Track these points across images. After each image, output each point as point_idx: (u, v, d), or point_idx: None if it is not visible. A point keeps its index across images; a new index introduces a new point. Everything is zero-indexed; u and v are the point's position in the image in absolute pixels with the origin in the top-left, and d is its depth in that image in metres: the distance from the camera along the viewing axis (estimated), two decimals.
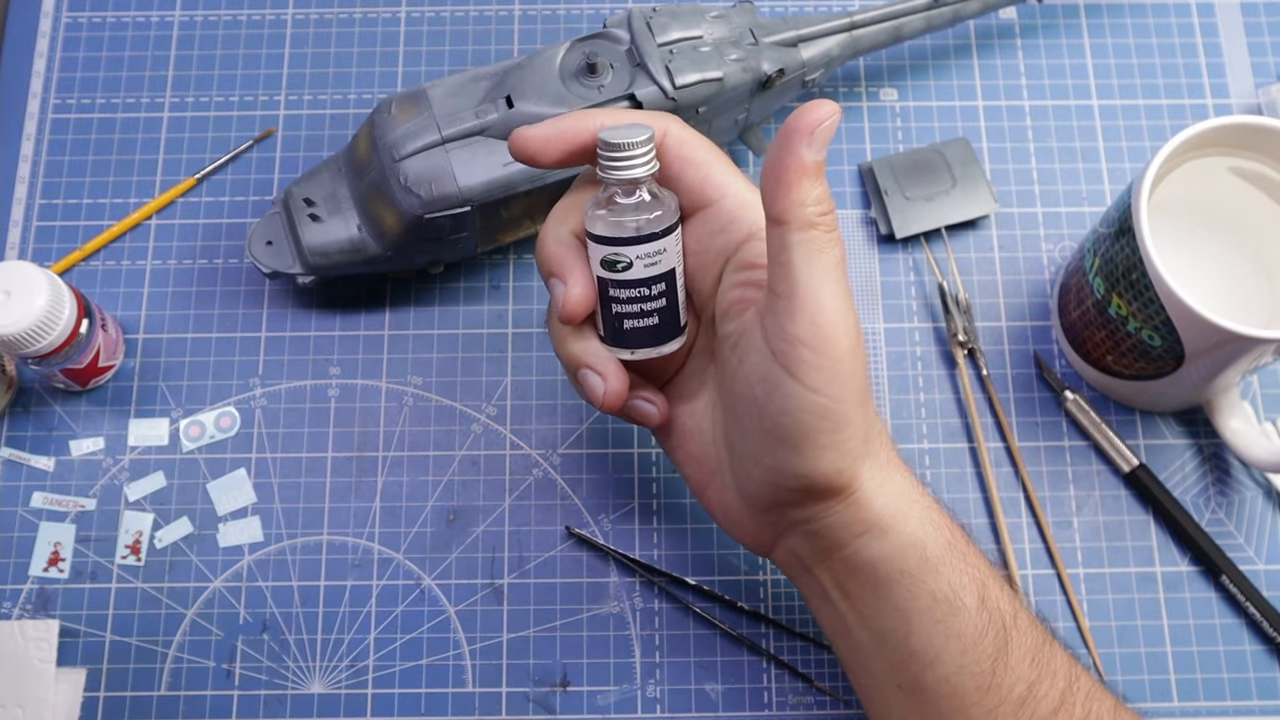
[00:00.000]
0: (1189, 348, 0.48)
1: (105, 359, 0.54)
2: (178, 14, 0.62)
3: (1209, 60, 0.62)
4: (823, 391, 0.38)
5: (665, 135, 0.41)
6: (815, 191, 0.37)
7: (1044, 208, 0.59)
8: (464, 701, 0.51)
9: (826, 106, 0.37)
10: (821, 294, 0.37)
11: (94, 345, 0.52)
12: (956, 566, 0.40)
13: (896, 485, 0.40)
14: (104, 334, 0.53)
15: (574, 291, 0.41)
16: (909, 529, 0.40)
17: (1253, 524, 0.54)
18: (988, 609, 0.40)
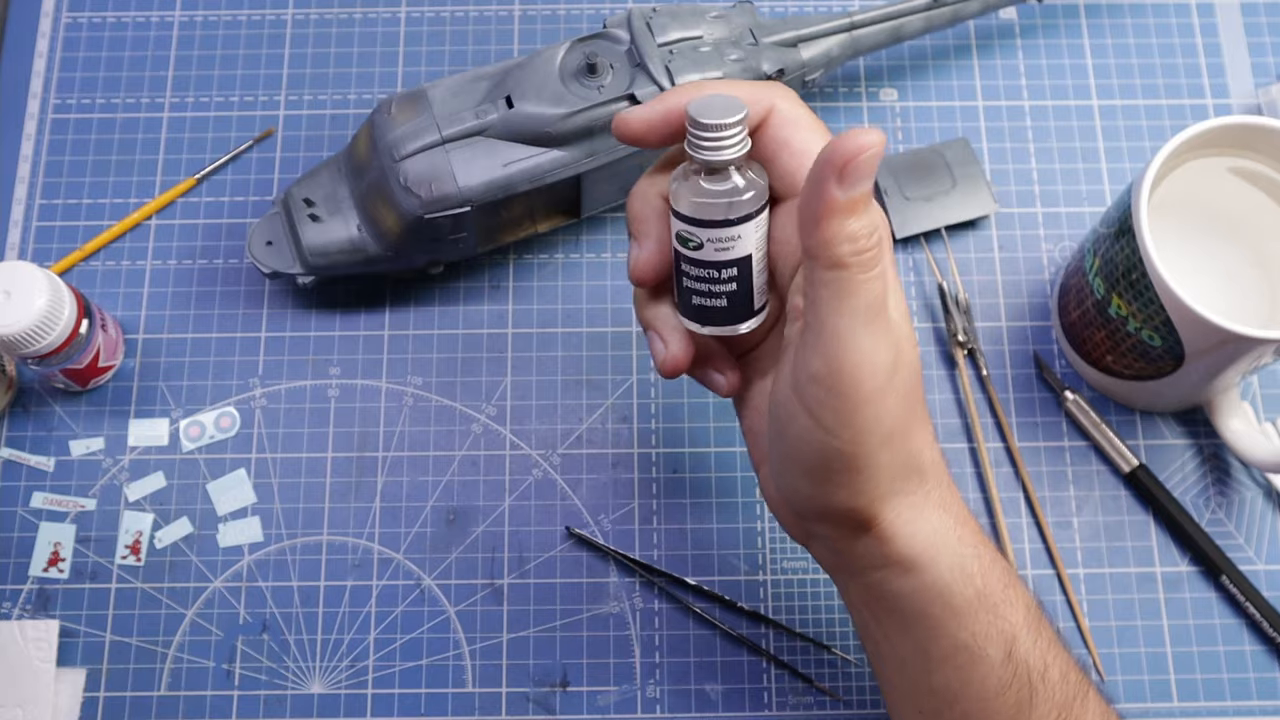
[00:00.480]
0: (1189, 348, 0.48)
1: (105, 359, 0.54)
2: (178, 14, 0.62)
3: (1209, 60, 0.62)
4: (835, 433, 0.36)
5: (770, 112, 0.38)
6: (848, 229, 0.34)
7: (1044, 208, 0.59)
8: (464, 701, 0.51)
9: (866, 136, 0.34)
10: (845, 336, 0.35)
11: (94, 345, 0.52)
12: (983, 618, 0.38)
13: (930, 527, 0.38)
14: (104, 334, 0.53)
15: (642, 255, 0.40)
16: (934, 574, 0.38)
17: (1253, 524, 0.54)
18: (1014, 662, 0.38)
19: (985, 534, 0.41)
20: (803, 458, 0.38)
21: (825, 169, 0.34)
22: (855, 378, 0.35)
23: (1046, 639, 0.40)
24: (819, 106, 0.61)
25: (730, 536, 0.54)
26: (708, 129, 0.36)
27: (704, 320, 0.39)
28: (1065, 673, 0.40)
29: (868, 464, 0.37)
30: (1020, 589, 0.40)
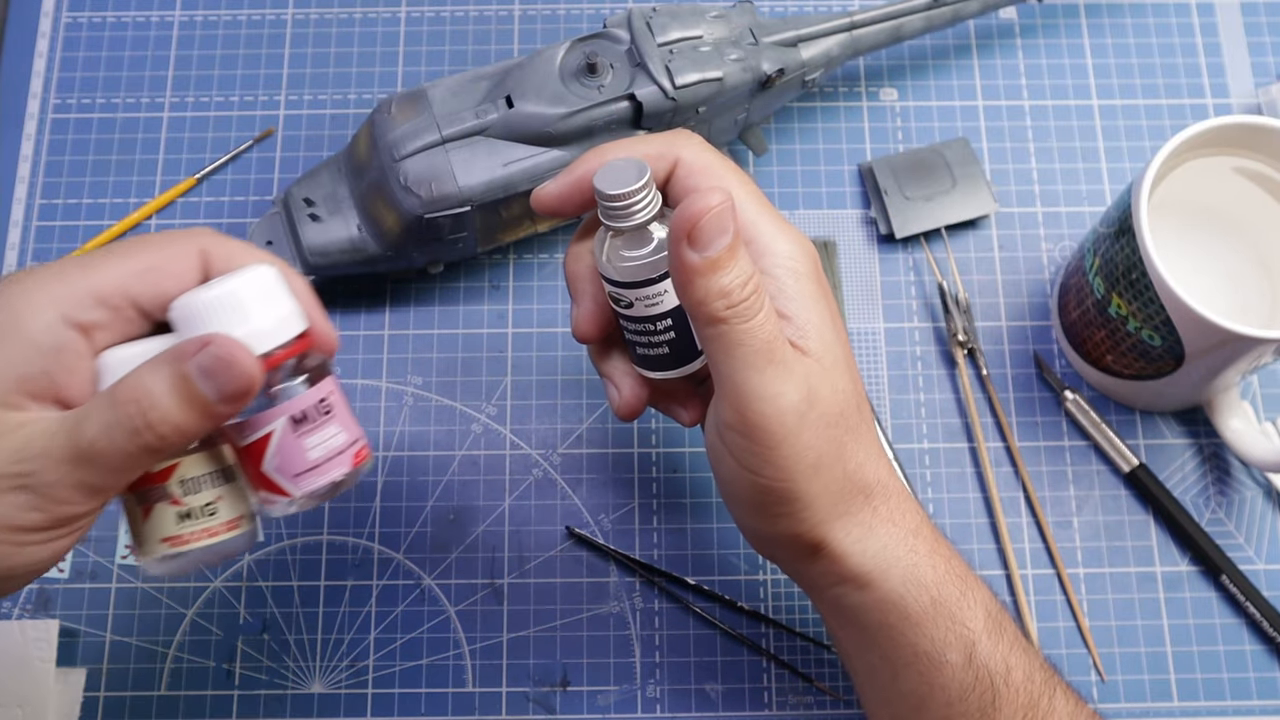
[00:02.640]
0: (1189, 348, 0.48)
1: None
2: (178, 14, 0.62)
3: (1209, 60, 0.62)
4: (760, 473, 0.37)
5: (676, 164, 0.39)
6: (716, 286, 0.35)
7: (1044, 207, 0.59)
8: (464, 701, 0.51)
9: (706, 199, 0.34)
10: (743, 385, 0.36)
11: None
12: (941, 624, 0.39)
13: (879, 543, 0.39)
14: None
15: (581, 314, 0.41)
16: (888, 586, 0.39)
17: (1253, 524, 0.54)
18: (974, 667, 0.39)
19: (944, 539, 0.41)
20: (738, 494, 0.39)
21: (676, 238, 0.35)
22: (763, 423, 0.36)
23: (1008, 641, 0.40)
24: (819, 106, 0.61)
25: (730, 536, 0.54)
26: (614, 199, 0.37)
27: (651, 367, 0.41)
28: (1030, 673, 0.40)
29: (800, 495, 0.37)
30: (979, 594, 0.41)
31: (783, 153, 0.60)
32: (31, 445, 0.33)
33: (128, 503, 0.36)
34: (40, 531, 0.33)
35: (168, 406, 0.33)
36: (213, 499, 0.36)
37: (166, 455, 0.34)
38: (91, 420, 0.33)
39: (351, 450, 0.37)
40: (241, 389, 0.33)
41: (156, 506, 0.35)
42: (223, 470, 0.37)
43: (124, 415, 0.33)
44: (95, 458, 0.33)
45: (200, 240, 0.36)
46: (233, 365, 0.33)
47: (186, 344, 0.33)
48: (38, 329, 0.34)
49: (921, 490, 0.54)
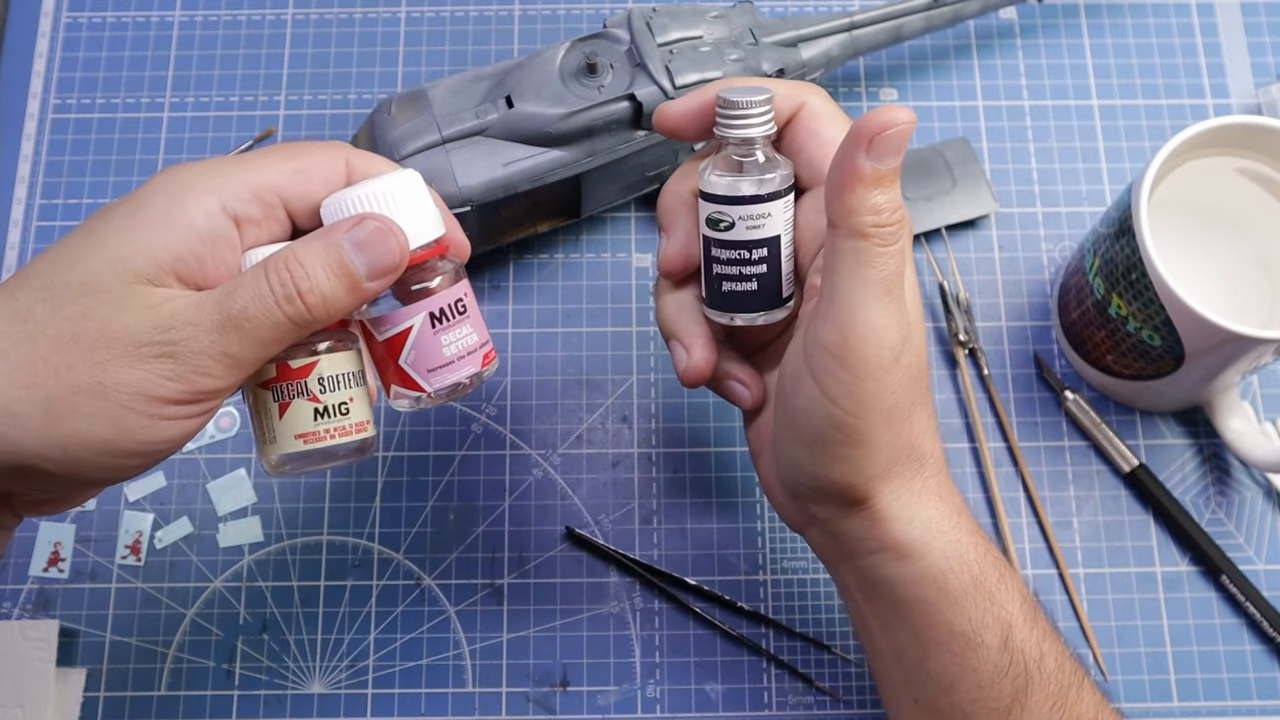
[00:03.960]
0: (1189, 348, 0.48)
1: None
2: (178, 14, 0.62)
3: (1209, 60, 0.62)
4: (839, 403, 0.37)
5: (802, 107, 0.40)
6: (872, 200, 0.35)
7: (1044, 208, 0.59)
8: (464, 701, 0.51)
9: (898, 112, 0.35)
10: (859, 307, 0.36)
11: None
12: (979, 605, 0.39)
13: (926, 513, 0.39)
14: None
15: (671, 246, 0.41)
16: (929, 560, 0.39)
17: (1252, 524, 0.54)
18: (1010, 650, 0.39)
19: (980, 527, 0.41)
20: (805, 427, 0.38)
21: (856, 140, 0.35)
22: (862, 350, 0.36)
23: (1042, 628, 0.40)
24: None
25: (730, 536, 0.54)
26: (735, 106, 0.38)
27: (734, 307, 0.40)
28: (1061, 661, 0.40)
29: (866, 439, 0.37)
30: (1015, 579, 0.40)
31: None
32: (181, 315, 0.33)
33: (260, 400, 0.37)
34: (177, 405, 0.34)
35: (320, 277, 0.34)
36: (347, 399, 0.37)
37: (310, 329, 0.35)
38: (243, 289, 0.34)
39: (481, 351, 0.38)
40: (392, 264, 0.35)
41: (295, 402, 0.37)
42: (355, 372, 0.38)
43: (275, 283, 0.34)
44: (243, 325, 0.33)
45: (343, 150, 0.38)
46: (386, 238, 0.35)
47: (341, 221, 0.35)
48: (198, 214, 0.35)
49: None
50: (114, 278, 0.33)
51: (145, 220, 0.34)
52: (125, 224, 0.34)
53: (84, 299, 0.33)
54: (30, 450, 0.33)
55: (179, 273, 0.34)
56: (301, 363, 0.37)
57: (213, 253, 0.35)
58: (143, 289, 0.34)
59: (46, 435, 0.32)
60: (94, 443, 0.33)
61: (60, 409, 0.32)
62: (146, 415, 0.33)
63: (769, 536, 0.54)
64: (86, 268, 0.33)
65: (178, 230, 0.34)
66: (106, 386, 0.32)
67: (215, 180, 0.35)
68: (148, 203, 0.35)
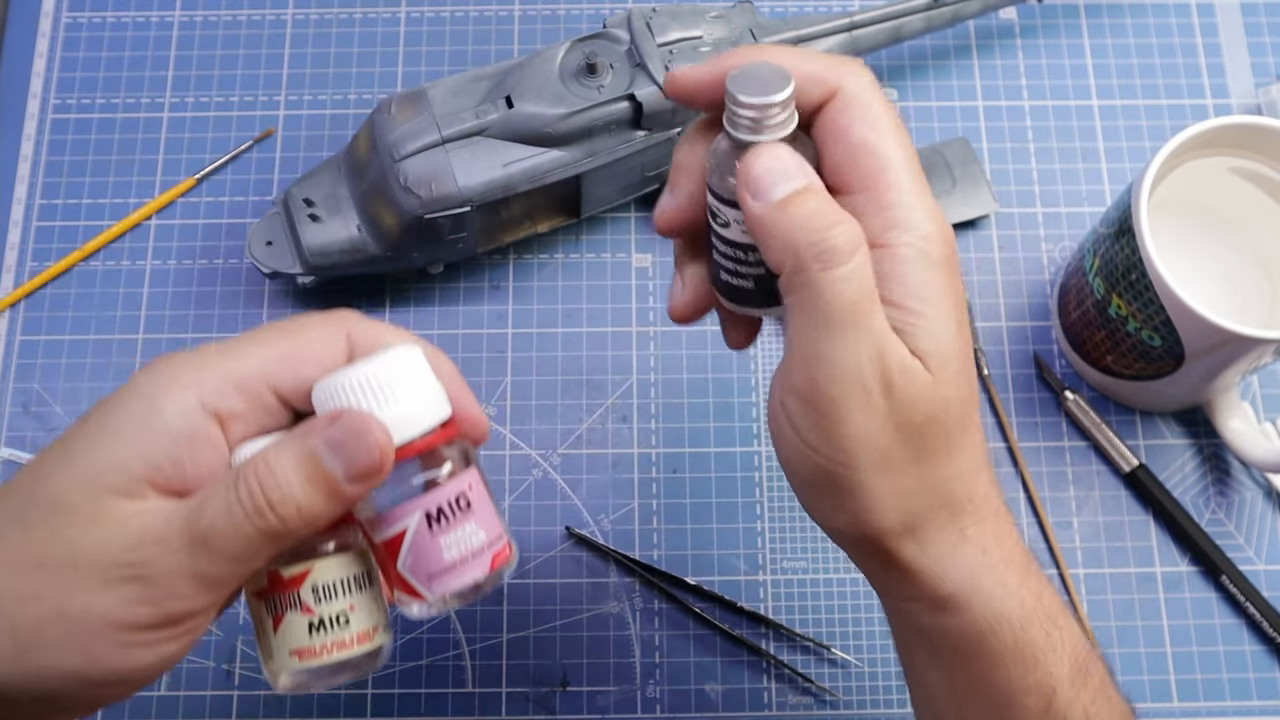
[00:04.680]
0: (1189, 348, 0.48)
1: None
2: (178, 14, 0.62)
3: (1209, 60, 0.62)
4: (819, 451, 0.33)
5: (834, 95, 0.34)
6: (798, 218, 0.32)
7: (1044, 208, 0.59)
8: (464, 702, 0.51)
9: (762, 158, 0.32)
10: (818, 343, 0.32)
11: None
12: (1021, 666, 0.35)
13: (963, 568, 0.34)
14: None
15: (669, 204, 0.37)
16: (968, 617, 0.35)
17: (1252, 524, 0.54)
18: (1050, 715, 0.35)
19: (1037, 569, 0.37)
20: (796, 471, 0.35)
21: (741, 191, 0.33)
22: (829, 390, 0.32)
23: (1092, 690, 0.36)
24: None
25: (730, 536, 0.54)
26: (743, 106, 0.33)
27: (731, 297, 0.37)
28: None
29: (862, 488, 0.33)
30: (1068, 635, 0.36)
31: None
32: (149, 533, 0.31)
33: (256, 612, 0.34)
34: (149, 630, 0.31)
35: (293, 485, 0.31)
36: (345, 608, 0.34)
37: (288, 541, 0.32)
38: (212, 502, 0.31)
39: (490, 551, 0.34)
40: (371, 466, 0.31)
41: (288, 615, 0.33)
42: (358, 576, 0.34)
43: (244, 495, 0.31)
44: (212, 541, 0.31)
45: (344, 322, 0.35)
46: (364, 438, 0.31)
47: (317, 420, 0.32)
48: (173, 416, 0.32)
49: None
50: (84, 494, 0.31)
51: (117, 428, 0.32)
52: (97, 433, 0.32)
53: (54, 519, 0.31)
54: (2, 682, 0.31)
55: (156, 481, 0.31)
56: (293, 571, 0.33)
57: (191, 455, 0.32)
58: (114, 504, 0.31)
59: (15, 667, 0.30)
60: (64, 674, 0.31)
61: (27, 639, 0.30)
62: (117, 644, 0.31)
63: (769, 536, 0.54)
64: (57, 484, 0.31)
65: (152, 436, 0.31)
66: (73, 615, 0.30)
67: (193, 375, 0.32)
68: (122, 408, 0.32)
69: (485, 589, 0.34)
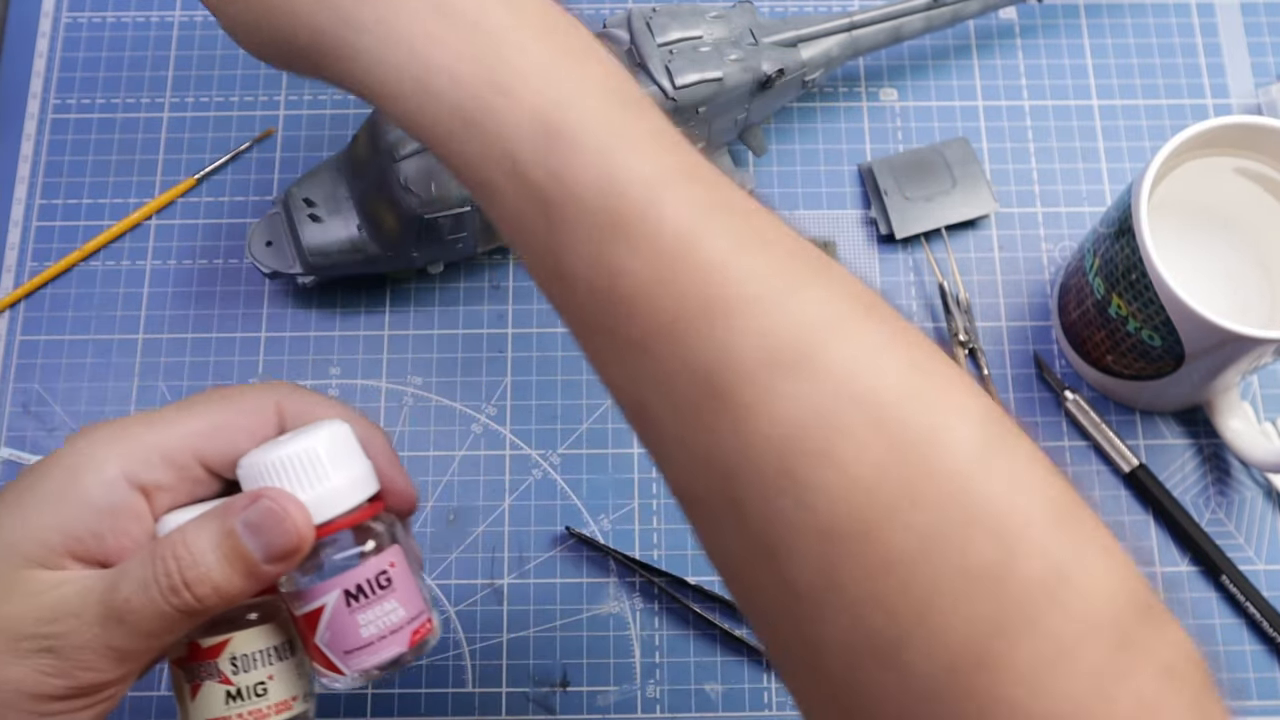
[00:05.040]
0: (1189, 348, 0.48)
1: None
2: (178, 14, 0.62)
3: (1209, 60, 0.62)
4: None
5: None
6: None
7: (1044, 208, 0.59)
8: (464, 702, 0.51)
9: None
10: None
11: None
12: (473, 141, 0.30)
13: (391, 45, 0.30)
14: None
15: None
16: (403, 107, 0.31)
17: (1253, 524, 0.54)
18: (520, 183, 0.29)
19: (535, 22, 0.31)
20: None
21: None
22: None
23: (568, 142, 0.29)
24: (819, 106, 0.61)
25: None
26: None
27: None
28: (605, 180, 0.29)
29: None
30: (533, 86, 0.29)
31: (783, 153, 0.60)
32: (64, 605, 0.31)
33: (175, 678, 0.34)
34: (62, 700, 0.31)
35: (209, 564, 0.31)
36: (264, 678, 0.34)
37: (204, 617, 0.32)
38: (128, 577, 0.31)
39: (409, 628, 0.35)
40: (289, 548, 0.32)
41: (205, 684, 0.34)
42: (278, 646, 0.35)
43: (160, 572, 0.31)
44: (127, 617, 0.31)
45: (276, 394, 0.35)
46: (282, 520, 0.32)
47: (236, 499, 0.32)
48: (94, 487, 0.32)
49: None
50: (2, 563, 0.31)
51: (37, 499, 0.32)
52: (16, 503, 0.32)
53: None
54: None
55: (74, 552, 0.32)
56: (211, 642, 0.33)
57: (112, 526, 0.32)
58: (30, 574, 0.31)
59: None
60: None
61: None
62: (28, 713, 0.31)
63: None
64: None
65: (71, 507, 0.32)
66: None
67: (117, 447, 0.33)
68: (44, 477, 0.32)
69: (406, 663, 0.35)
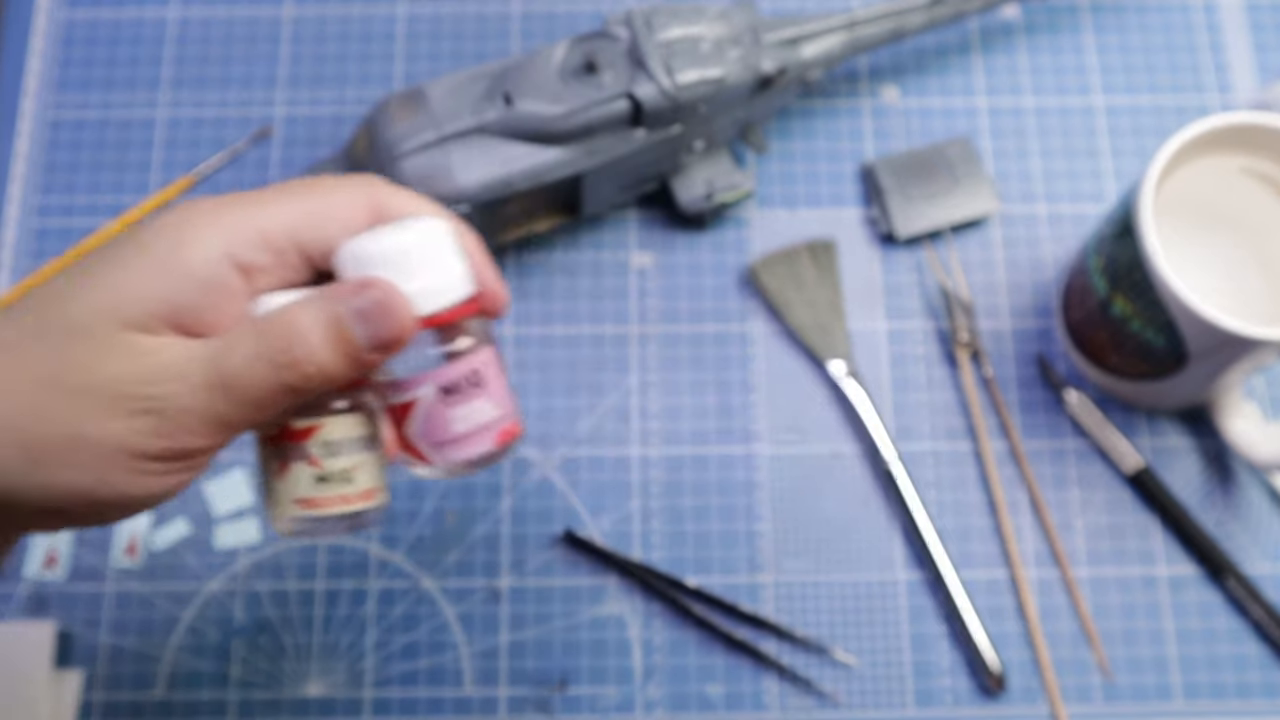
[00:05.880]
0: (1192, 348, 0.47)
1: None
2: (174, 12, 0.62)
3: (1213, 58, 0.61)
4: None
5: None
6: None
7: (1047, 207, 0.59)
8: (462, 704, 0.51)
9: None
10: None
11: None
12: None
13: None
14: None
15: None
16: None
17: (1257, 526, 0.54)
18: None
19: None
20: None
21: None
22: None
23: None
24: (820, 105, 0.60)
25: (730, 537, 0.53)
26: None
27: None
28: None
29: None
30: None
31: (783, 152, 0.60)
32: (168, 369, 0.32)
33: (265, 455, 0.35)
34: (159, 461, 0.32)
35: (316, 344, 0.32)
36: (351, 465, 0.35)
37: (306, 396, 0.33)
38: (236, 349, 0.32)
39: (498, 427, 0.35)
40: (392, 338, 0.33)
41: (294, 465, 0.34)
42: (364, 437, 0.35)
43: (269, 348, 0.32)
44: (233, 388, 0.32)
45: (371, 188, 0.35)
46: (389, 312, 0.32)
47: (345, 285, 0.33)
48: (198, 260, 0.32)
49: (924, 491, 0.54)
50: (103, 322, 0.32)
51: (143, 263, 0.32)
52: (123, 264, 0.33)
53: (72, 341, 0.32)
54: (11, 491, 0.31)
55: (172, 321, 0.32)
56: (304, 424, 0.34)
57: (212, 302, 0.33)
58: (132, 336, 0.32)
59: (25, 480, 0.31)
60: (75, 492, 0.32)
61: (40, 455, 0.31)
62: (128, 470, 0.32)
63: (769, 537, 0.53)
64: (77, 309, 0.32)
65: (175, 277, 0.32)
66: (88, 439, 0.31)
67: (221, 224, 0.33)
68: (149, 243, 0.33)
69: (491, 462, 0.36)
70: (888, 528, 0.54)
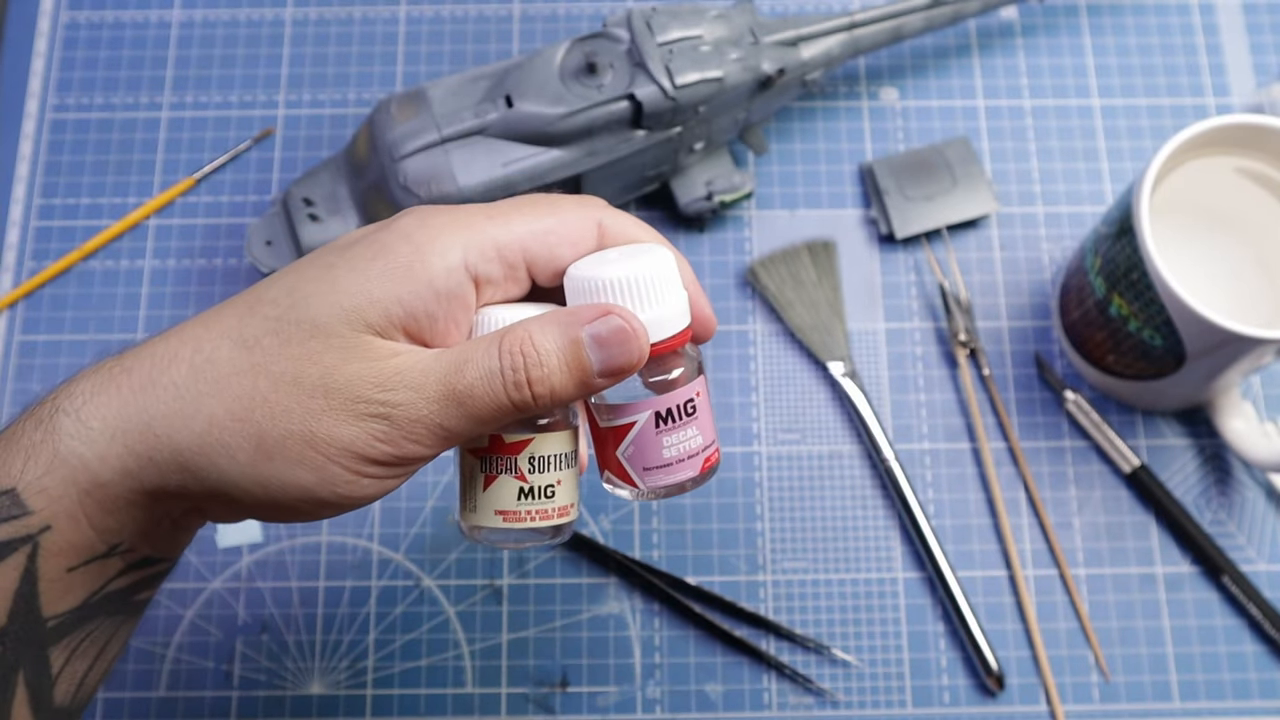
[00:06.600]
0: (1190, 348, 0.48)
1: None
2: (177, 14, 0.62)
3: (1210, 59, 0.61)
4: None
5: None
6: None
7: (1045, 207, 0.59)
8: (463, 702, 0.51)
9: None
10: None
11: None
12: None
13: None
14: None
15: None
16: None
17: (1254, 524, 0.54)
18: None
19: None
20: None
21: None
22: None
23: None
24: (819, 106, 0.61)
25: (730, 536, 0.54)
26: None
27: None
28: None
29: None
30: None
31: (783, 153, 0.60)
32: (401, 377, 0.32)
33: (468, 465, 0.36)
34: (382, 466, 0.33)
35: (553, 367, 0.32)
36: (554, 481, 0.35)
37: (530, 415, 0.34)
38: (473, 365, 0.32)
39: (703, 455, 0.36)
40: (628, 366, 0.33)
41: (501, 478, 0.35)
42: (567, 454, 0.36)
43: (507, 366, 0.32)
44: (465, 402, 0.32)
45: (597, 211, 0.36)
46: (628, 341, 0.33)
47: (584, 309, 0.33)
48: (439, 270, 0.33)
49: (923, 490, 0.54)
50: (344, 324, 0.32)
51: (385, 268, 0.33)
52: (364, 268, 0.33)
53: (312, 341, 0.32)
54: (231, 481, 0.32)
55: (409, 328, 0.33)
56: (515, 439, 0.35)
57: (446, 312, 0.33)
58: (370, 340, 0.32)
59: (250, 471, 0.32)
60: (294, 488, 0.32)
61: (269, 449, 0.32)
62: (350, 471, 0.32)
63: (769, 537, 0.54)
64: (319, 308, 0.32)
65: (415, 285, 0.33)
66: (317, 437, 0.32)
67: (463, 235, 0.33)
68: (391, 249, 0.33)
69: (691, 488, 0.36)
70: (886, 527, 0.54)
